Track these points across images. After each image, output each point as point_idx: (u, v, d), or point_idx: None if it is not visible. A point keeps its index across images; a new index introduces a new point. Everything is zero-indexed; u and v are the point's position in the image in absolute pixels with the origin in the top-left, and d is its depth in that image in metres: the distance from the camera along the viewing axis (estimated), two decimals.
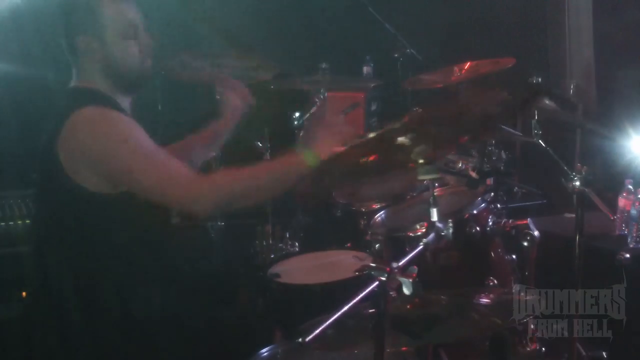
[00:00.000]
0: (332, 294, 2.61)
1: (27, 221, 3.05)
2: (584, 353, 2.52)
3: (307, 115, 3.62)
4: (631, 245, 2.82)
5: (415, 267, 1.52)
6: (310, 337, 1.46)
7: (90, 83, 2.34)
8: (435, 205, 1.72)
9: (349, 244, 3.17)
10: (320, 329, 1.47)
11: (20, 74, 3.68)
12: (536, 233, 2.48)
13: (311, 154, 2.14)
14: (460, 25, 5.13)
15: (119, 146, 2.17)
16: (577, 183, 2.16)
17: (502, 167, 2.95)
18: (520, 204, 3.66)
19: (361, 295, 1.50)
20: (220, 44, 4.08)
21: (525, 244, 2.48)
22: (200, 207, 2.17)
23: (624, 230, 2.90)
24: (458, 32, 5.11)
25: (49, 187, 2.31)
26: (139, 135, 2.21)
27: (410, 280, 1.49)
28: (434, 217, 1.71)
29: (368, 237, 2.90)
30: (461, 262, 2.55)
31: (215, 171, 2.29)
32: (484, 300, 1.96)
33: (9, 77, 3.69)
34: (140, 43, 2.33)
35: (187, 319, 2.34)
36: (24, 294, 2.81)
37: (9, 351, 2.59)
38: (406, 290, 1.50)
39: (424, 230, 2.31)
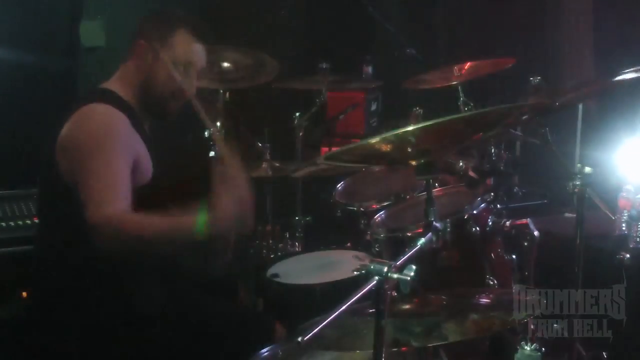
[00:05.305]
0: (332, 294, 2.61)
1: (28, 221, 3.05)
2: (584, 353, 2.52)
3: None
4: (631, 245, 2.81)
5: (412, 266, 1.53)
6: (309, 336, 1.46)
7: (120, 87, 2.35)
8: (432, 205, 1.73)
9: (349, 244, 3.17)
10: (318, 328, 1.47)
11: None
12: (536, 233, 2.48)
13: (203, 222, 2.06)
14: (460, 25, 5.13)
15: (89, 138, 2.17)
16: (577, 183, 2.16)
17: (502, 167, 2.95)
18: (520, 204, 3.66)
19: (359, 295, 1.50)
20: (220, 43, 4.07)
21: (525, 244, 2.48)
22: (104, 243, 2.05)
23: (624, 230, 2.89)
24: (458, 32, 5.11)
25: (46, 185, 2.31)
26: (118, 145, 2.18)
27: (408, 278, 1.50)
28: (431, 216, 1.72)
29: (368, 237, 2.90)
30: (461, 262, 2.55)
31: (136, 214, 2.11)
32: (484, 300, 1.96)
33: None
34: (185, 83, 2.34)
35: (187, 319, 2.34)
36: (24, 294, 2.81)
37: (9, 351, 2.59)
38: (404, 289, 1.51)
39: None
